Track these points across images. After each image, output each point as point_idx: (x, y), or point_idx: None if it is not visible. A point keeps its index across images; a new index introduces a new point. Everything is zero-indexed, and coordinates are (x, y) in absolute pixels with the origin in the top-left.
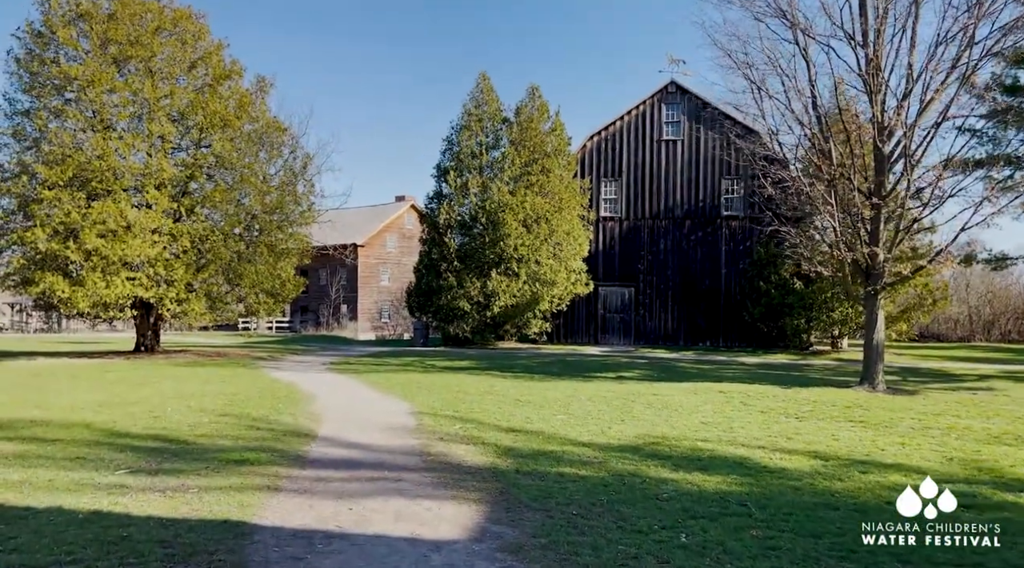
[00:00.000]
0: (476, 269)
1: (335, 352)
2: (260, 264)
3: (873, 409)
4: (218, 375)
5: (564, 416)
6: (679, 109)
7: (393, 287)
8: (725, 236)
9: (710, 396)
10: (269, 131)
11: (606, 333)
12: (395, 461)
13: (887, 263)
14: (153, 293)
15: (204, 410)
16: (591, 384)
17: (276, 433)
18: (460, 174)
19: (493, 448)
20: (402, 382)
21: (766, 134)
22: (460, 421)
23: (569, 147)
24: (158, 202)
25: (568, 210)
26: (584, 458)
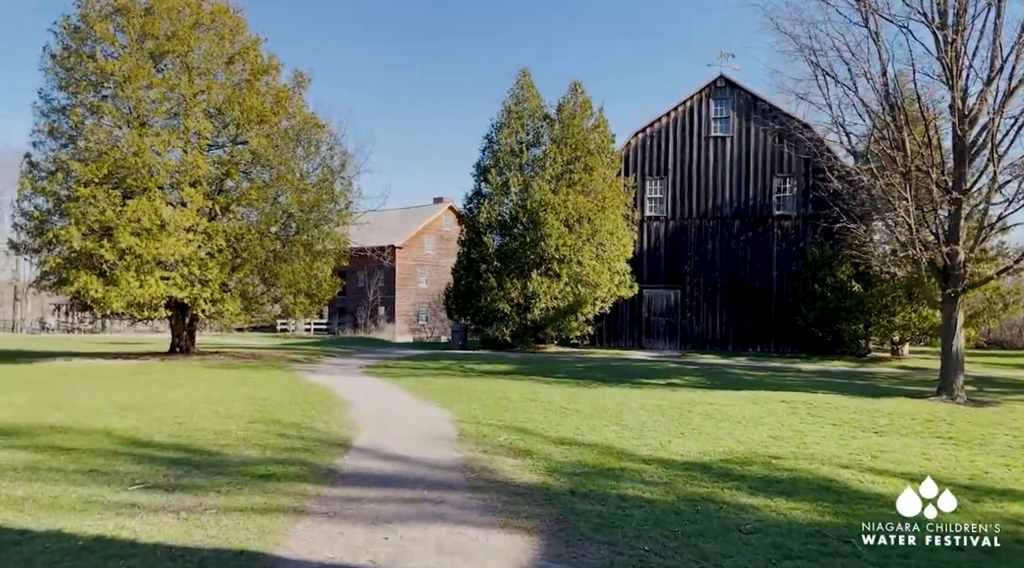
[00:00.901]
0: (516, 270)
1: (372, 355)
2: (296, 264)
3: (958, 423)
4: (251, 378)
5: (617, 427)
6: (728, 104)
7: (431, 289)
8: (776, 236)
9: (772, 406)
10: (307, 128)
11: (651, 337)
12: (435, 477)
13: (968, 263)
14: (187, 293)
15: (233, 416)
16: (641, 391)
17: (307, 442)
18: (500, 172)
19: (543, 463)
20: (441, 387)
21: (832, 124)
22: (505, 431)
23: (613, 144)
24: (193, 200)
25: (611, 209)
26: (647, 477)
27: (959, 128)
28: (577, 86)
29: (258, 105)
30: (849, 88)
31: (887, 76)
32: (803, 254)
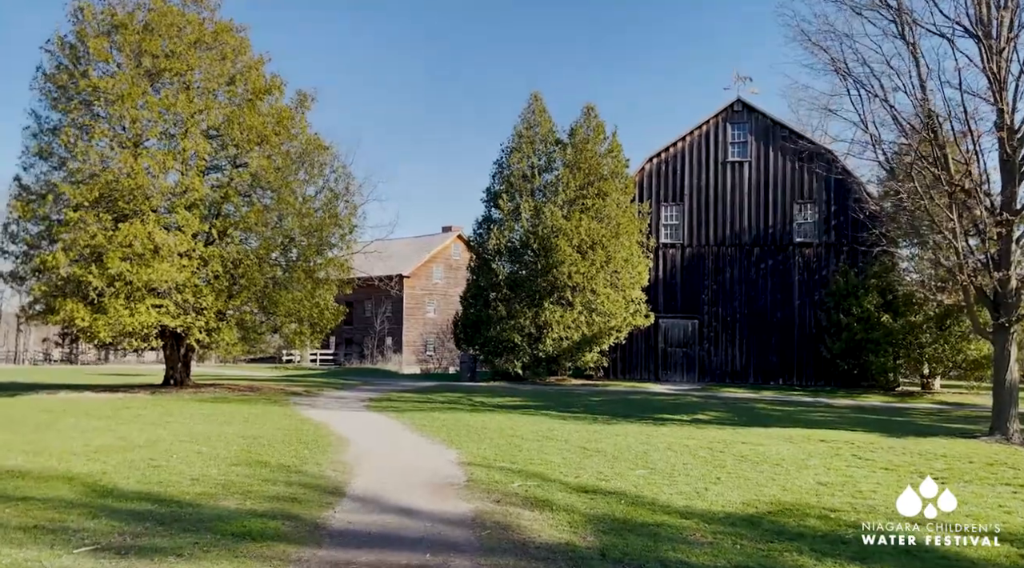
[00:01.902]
0: (527, 299)
1: (377, 387)
2: (297, 291)
3: (1023, 467)
4: (243, 413)
5: (644, 470)
6: (746, 129)
7: (439, 319)
8: (798, 264)
9: (812, 447)
10: (310, 149)
11: (667, 369)
12: (441, 535)
13: (1021, 291)
14: (180, 322)
15: (216, 457)
16: (665, 429)
17: (295, 489)
18: (511, 197)
19: (565, 516)
20: (448, 423)
21: (866, 143)
22: (519, 475)
23: (627, 169)
24: (189, 224)
25: (626, 236)
26: (687, 535)
27: (1008, 144)
28: (590, 110)
29: (259, 125)
30: (886, 102)
31: (926, 89)
32: (826, 283)
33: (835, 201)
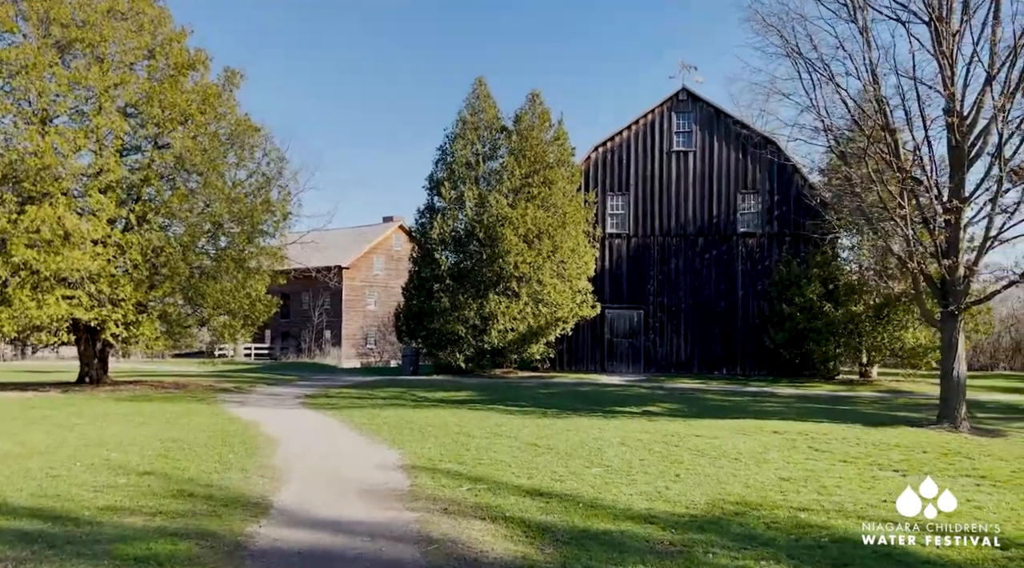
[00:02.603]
0: (472, 290)
1: (314, 382)
2: (227, 282)
3: (978, 457)
4: (164, 413)
5: (600, 469)
6: (691, 118)
7: (380, 312)
8: (742, 254)
9: (767, 439)
10: (239, 130)
11: (613, 360)
12: (381, 552)
13: (970, 278)
14: (95, 315)
15: (125, 466)
16: (616, 422)
17: (214, 503)
18: (454, 185)
19: (519, 526)
20: (390, 421)
21: (819, 129)
22: (468, 479)
23: (573, 158)
24: (104, 208)
25: (572, 225)
26: (654, 543)
27: (957, 130)
28: (535, 96)
29: (182, 103)
30: (838, 87)
31: (878, 75)
32: (769, 273)
33: (778, 191)
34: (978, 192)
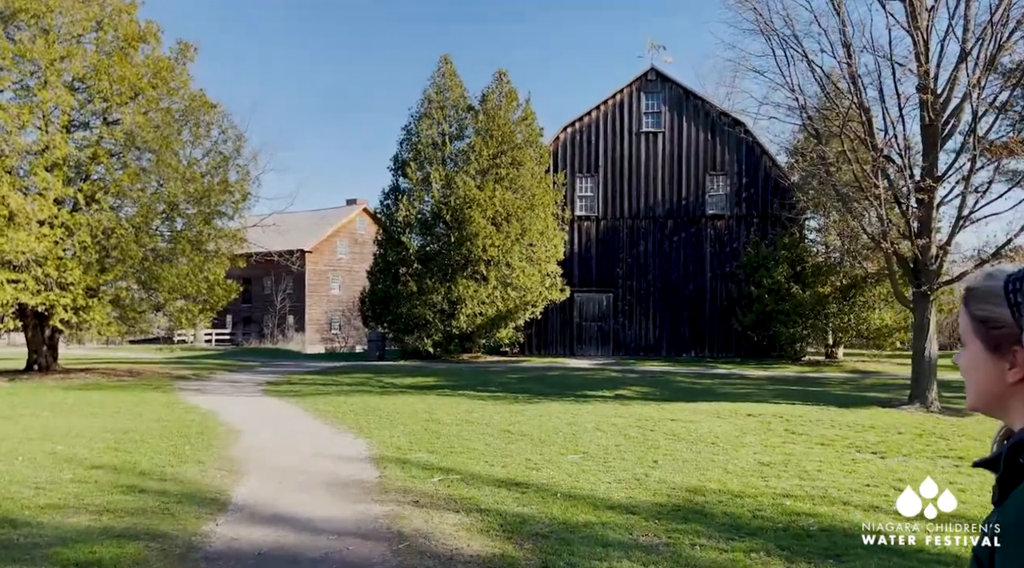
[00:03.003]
0: (440, 273)
1: (277, 368)
2: (183, 265)
3: (952, 438)
4: (116, 402)
5: (576, 455)
6: (660, 98)
7: (344, 296)
8: (710, 237)
9: (742, 422)
10: (194, 106)
11: (583, 344)
12: (348, 551)
13: (942, 258)
14: (42, 299)
15: (72, 459)
16: (590, 406)
17: (167, 499)
18: (420, 166)
19: (495, 519)
20: (357, 408)
21: (792, 107)
22: (439, 470)
23: (541, 138)
24: (50, 187)
25: (541, 208)
26: (638, 534)
27: (932, 108)
28: (502, 75)
29: (132, 77)
30: (812, 64)
31: (852, 52)
32: (737, 255)
33: (746, 172)
34: (951, 171)
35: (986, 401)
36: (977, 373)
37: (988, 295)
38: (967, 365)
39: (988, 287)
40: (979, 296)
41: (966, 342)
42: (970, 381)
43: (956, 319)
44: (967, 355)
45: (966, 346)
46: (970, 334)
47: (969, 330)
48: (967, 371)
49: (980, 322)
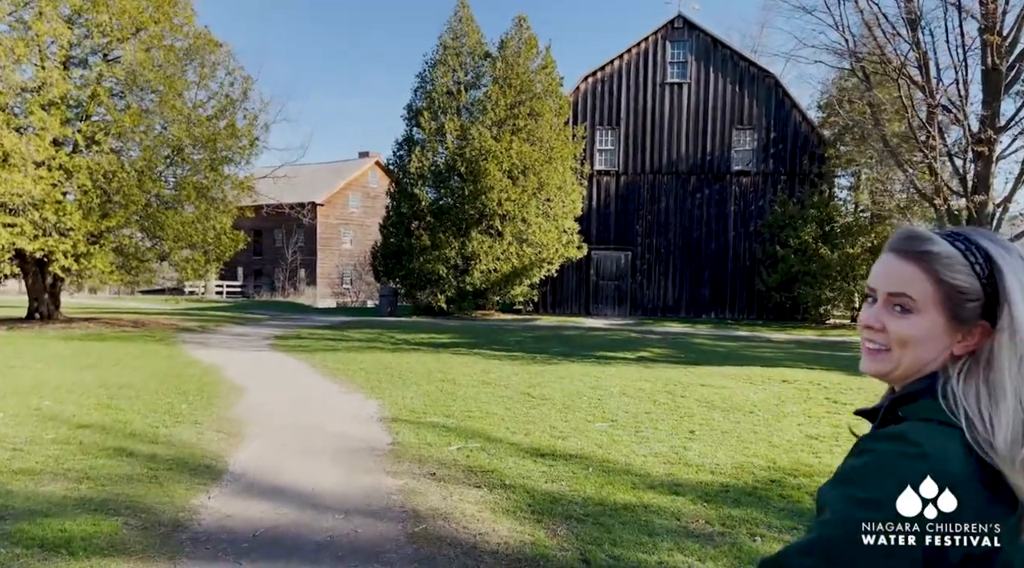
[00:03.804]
0: (453, 228)
1: (286, 322)
2: (188, 212)
3: None
4: (116, 354)
5: (604, 423)
6: (686, 48)
7: (356, 250)
8: (735, 194)
9: (777, 389)
10: (199, 44)
11: (599, 303)
12: (356, 534)
13: (1000, 216)
14: (40, 245)
15: (57, 418)
16: (612, 369)
17: (157, 465)
18: (435, 116)
19: (522, 497)
20: (367, 366)
21: (840, 51)
22: (457, 435)
23: (561, 89)
24: (47, 127)
25: (560, 161)
26: (686, 522)
27: (996, 51)
28: (522, 20)
29: (133, 10)
30: (872, 1)
31: None
32: (762, 213)
33: (775, 127)
34: (1015, 120)
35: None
36: (928, 344)
37: (956, 264)
38: (920, 335)
39: (951, 253)
40: (947, 264)
41: (921, 309)
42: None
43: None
44: (923, 325)
45: (918, 312)
46: (930, 301)
47: (930, 296)
48: (915, 341)
49: (952, 290)
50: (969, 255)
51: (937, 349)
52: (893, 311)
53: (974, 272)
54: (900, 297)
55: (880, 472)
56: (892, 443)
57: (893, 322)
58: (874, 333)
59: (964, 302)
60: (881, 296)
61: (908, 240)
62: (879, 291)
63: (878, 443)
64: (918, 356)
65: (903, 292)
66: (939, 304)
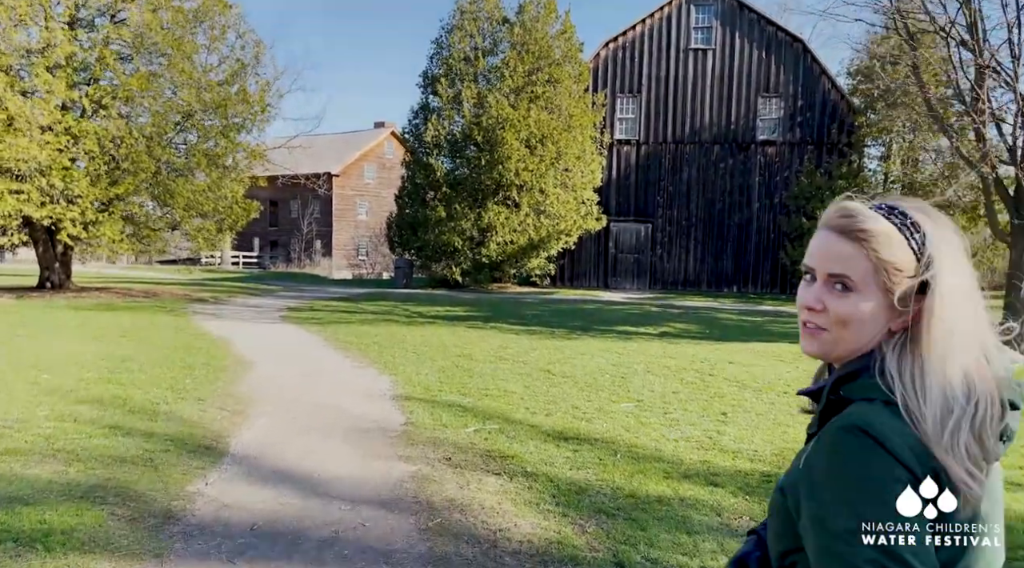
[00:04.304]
0: (470, 198)
1: (300, 293)
2: (199, 180)
3: None
4: (123, 325)
5: (630, 403)
6: (711, 12)
7: (372, 222)
8: (760, 164)
9: (809, 367)
10: (208, 5)
11: (617, 276)
12: (364, 528)
13: None
14: (47, 212)
15: (55, 392)
16: (634, 345)
17: (154, 445)
18: (451, 83)
19: (546, 486)
20: (381, 340)
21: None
22: (474, 416)
23: (580, 55)
24: (52, 89)
25: (579, 130)
26: (728, 518)
27: None
28: None
29: None
30: None
31: None
32: (788, 184)
33: (802, 95)
34: None
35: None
36: (869, 323)
37: (890, 239)
38: (861, 315)
39: (887, 229)
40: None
41: (860, 288)
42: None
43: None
44: (863, 304)
45: (858, 291)
46: (865, 278)
47: (865, 273)
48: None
49: (896, 269)
50: (904, 229)
51: (877, 327)
52: (833, 290)
53: (910, 247)
54: (840, 277)
55: (852, 476)
56: (851, 438)
57: (833, 302)
58: (815, 314)
59: (902, 279)
60: (820, 276)
61: (845, 218)
62: (817, 270)
63: (839, 439)
64: (858, 335)
65: (843, 272)
66: (878, 282)
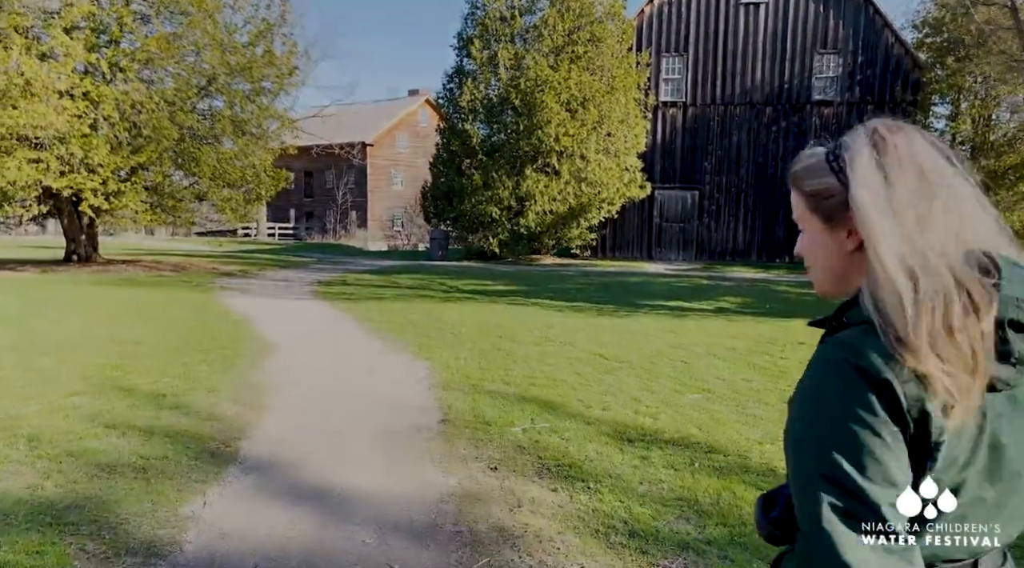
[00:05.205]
0: (507, 166)
1: (333, 266)
2: (225, 148)
3: None
4: (144, 302)
5: (697, 395)
6: None
7: (406, 192)
8: (815, 126)
9: None
10: None
11: (661, 247)
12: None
13: None
14: (67, 182)
15: (54, 381)
16: (690, 322)
17: (152, 449)
18: (487, 44)
19: (614, 507)
20: (415, 319)
21: None
22: (520, 409)
23: (624, 11)
24: (70, 51)
25: (622, 92)
26: None
27: None
28: None
29: None
30: None
31: None
32: None
33: (863, 51)
34: None
35: (833, 280)
36: (818, 251)
37: (813, 171)
38: (809, 246)
39: (811, 164)
40: (805, 174)
41: (803, 225)
42: (814, 263)
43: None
44: (807, 237)
45: (804, 229)
46: (806, 214)
47: (804, 210)
48: (809, 253)
49: (811, 196)
50: (830, 155)
51: (828, 252)
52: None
53: (832, 170)
54: (798, 222)
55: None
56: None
57: (797, 246)
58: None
59: (824, 200)
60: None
61: (790, 171)
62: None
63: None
64: (823, 264)
65: (796, 218)
66: (812, 212)
